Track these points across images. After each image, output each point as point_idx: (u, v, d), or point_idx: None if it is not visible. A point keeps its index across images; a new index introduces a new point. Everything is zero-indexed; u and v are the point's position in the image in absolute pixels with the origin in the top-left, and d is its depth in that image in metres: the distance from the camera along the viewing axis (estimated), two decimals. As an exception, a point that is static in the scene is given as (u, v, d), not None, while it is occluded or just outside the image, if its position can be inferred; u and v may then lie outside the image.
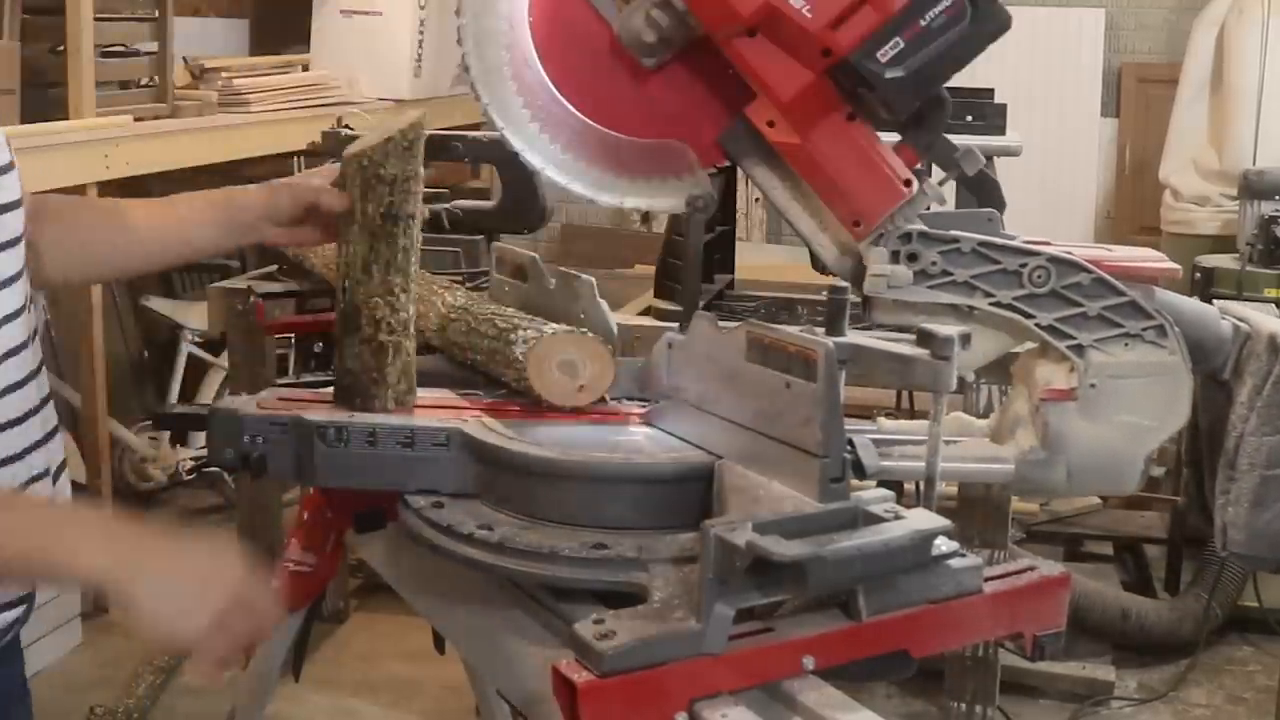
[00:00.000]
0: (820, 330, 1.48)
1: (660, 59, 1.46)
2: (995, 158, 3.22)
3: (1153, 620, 3.74)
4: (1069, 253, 1.49)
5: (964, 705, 2.83)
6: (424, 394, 1.58)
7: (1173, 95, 5.18)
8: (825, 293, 1.57)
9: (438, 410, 1.50)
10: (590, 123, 1.50)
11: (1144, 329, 1.47)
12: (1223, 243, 4.50)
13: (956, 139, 1.58)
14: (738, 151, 1.51)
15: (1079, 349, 1.46)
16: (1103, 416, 1.47)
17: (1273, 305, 3.29)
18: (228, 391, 4.75)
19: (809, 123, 1.43)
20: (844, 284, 1.50)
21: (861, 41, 1.34)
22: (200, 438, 4.76)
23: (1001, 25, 1.36)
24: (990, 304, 1.47)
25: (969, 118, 3.24)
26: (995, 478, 1.53)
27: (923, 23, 1.34)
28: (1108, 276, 1.47)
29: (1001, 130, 3.27)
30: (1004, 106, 3.30)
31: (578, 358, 1.49)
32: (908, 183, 1.46)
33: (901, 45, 1.34)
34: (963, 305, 1.47)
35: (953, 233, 1.47)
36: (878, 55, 1.34)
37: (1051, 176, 5.63)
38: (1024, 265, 1.46)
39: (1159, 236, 5.11)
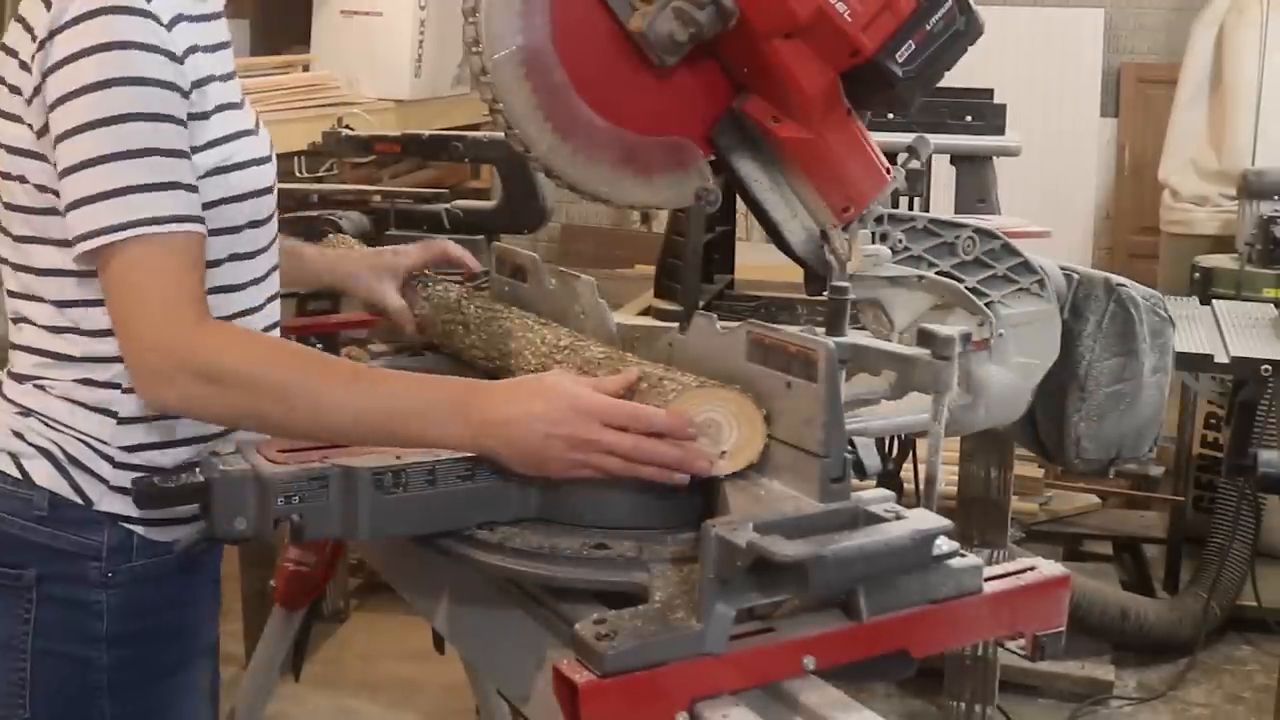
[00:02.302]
0: (820, 330, 1.48)
1: (679, 57, 1.48)
2: (995, 157, 3.23)
3: (1152, 620, 3.74)
4: (984, 223, 1.78)
5: (963, 705, 2.84)
6: None
7: (1172, 95, 5.19)
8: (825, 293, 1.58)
9: None
10: (602, 121, 1.51)
11: (1032, 283, 1.76)
12: (1222, 243, 4.50)
13: (956, 139, 1.76)
14: (727, 145, 1.56)
15: (989, 305, 1.71)
16: (1006, 360, 1.72)
17: (1272, 305, 3.30)
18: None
19: (819, 118, 1.52)
20: (844, 284, 1.51)
21: (884, 43, 1.46)
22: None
23: (979, 31, 1.51)
24: (935, 273, 1.70)
25: (969, 118, 3.25)
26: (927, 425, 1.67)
27: (928, 27, 1.47)
28: (1010, 241, 1.74)
29: (1001, 130, 3.27)
30: (1004, 106, 3.30)
31: (724, 418, 1.27)
32: (888, 169, 1.61)
33: (913, 47, 1.47)
34: (913, 276, 1.68)
35: (910, 213, 1.73)
36: (896, 56, 1.47)
37: (1051, 176, 5.63)
38: (958, 237, 1.72)
39: (1158, 236, 5.11)
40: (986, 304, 1.71)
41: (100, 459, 1.44)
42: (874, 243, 1.64)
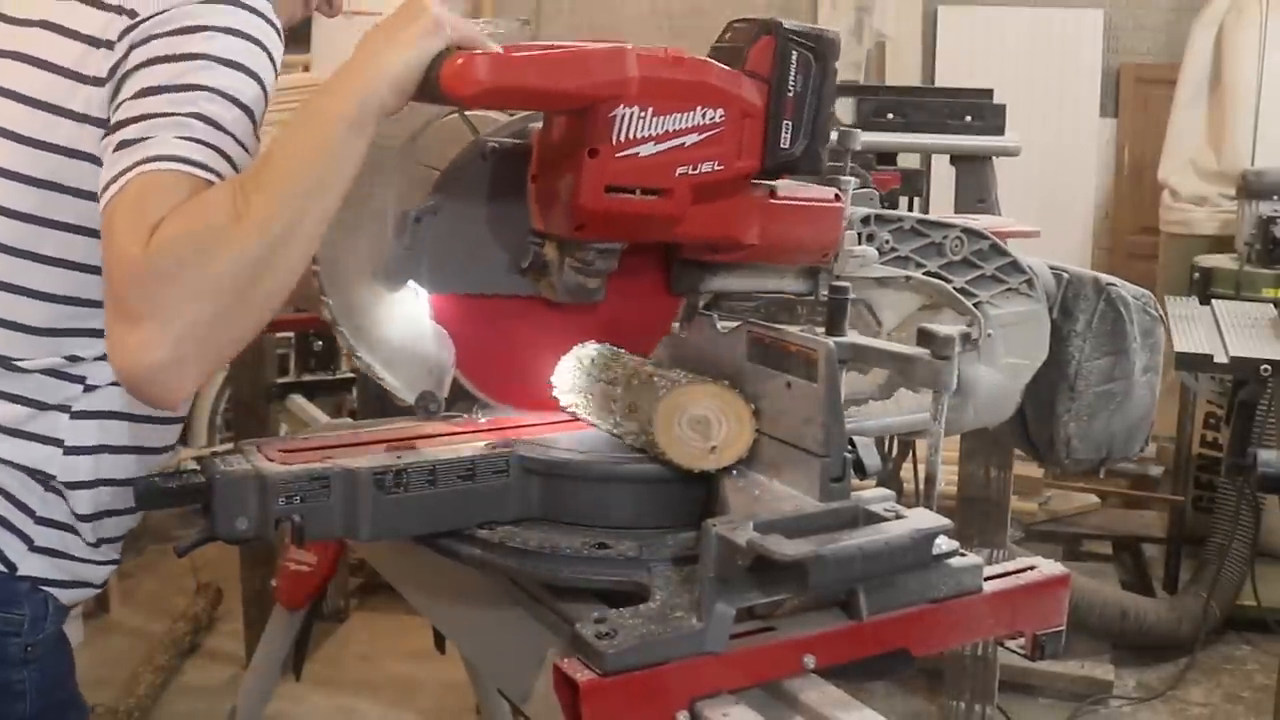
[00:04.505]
0: (820, 330, 1.49)
1: (603, 289, 1.47)
2: (994, 157, 3.24)
3: (1151, 619, 3.75)
4: (972, 223, 1.75)
5: (963, 704, 2.84)
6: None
7: (1171, 96, 5.19)
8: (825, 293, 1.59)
9: (470, 435, 1.41)
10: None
11: (1020, 283, 1.74)
12: (1221, 243, 4.51)
13: (956, 139, 1.72)
14: (689, 286, 1.56)
15: (977, 305, 1.70)
16: (995, 360, 1.72)
17: (1271, 305, 3.30)
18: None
19: (754, 228, 1.46)
20: (844, 283, 1.51)
21: (764, 149, 1.39)
22: (201, 435, 4.76)
23: (836, 47, 1.42)
24: (923, 274, 1.68)
25: (969, 118, 3.25)
26: (920, 425, 1.67)
27: (790, 94, 1.38)
28: (998, 241, 1.73)
29: (1001, 130, 3.28)
30: (1003, 107, 3.31)
31: (713, 413, 1.29)
32: (836, 197, 1.55)
33: (791, 125, 1.39)
34: (900, 276, 1.67)
35: (896, 213, 1.69)
36: (782, 147, 1.39)
37: (1051, 176, 5.64)
38: (945, 237, 1.69)
39: (1158, 236, 5.12)
40: (975, 304, 1.70)
41: (22, 512, 1.35)
42: (860, 244, 1.63)
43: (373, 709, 3.46)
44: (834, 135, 1.55)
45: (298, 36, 4.95)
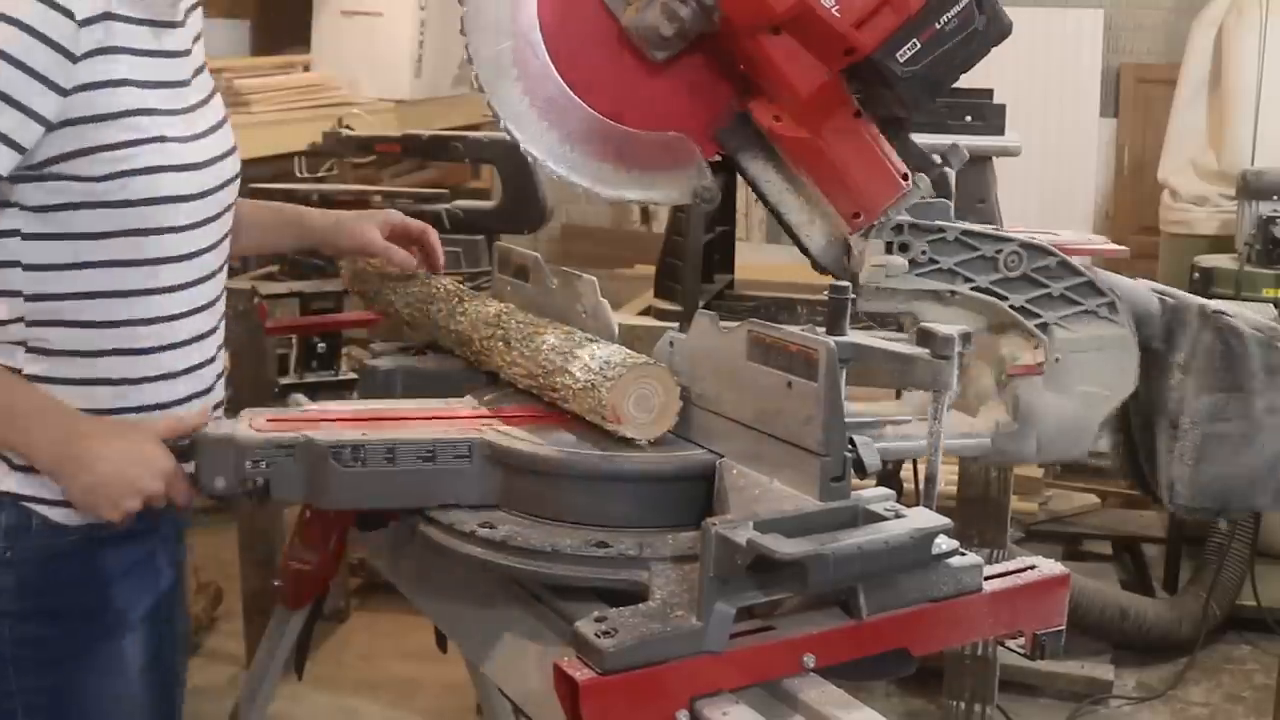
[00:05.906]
0: (821, 330, 1.49)
1: (670, 53, 1.48)
2: (995, 157, 3.24)
3: (1151, 619, 3.75)
4: (1034, 238, 1.63)
5: (963, 704, 2.84)
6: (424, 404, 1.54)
7: (1171, 95, 5.19)
8: (825, 292, 1.58)
9: (449, 421, 1.46)
10: (595, 114, 1.52)
11: (1099, 305, 1.61)
12: (1221, 243, 4.50)
13: (954, 139, 1.69)
14: (735, 146, 1.56)
15: (1043, 326, 1.59)
16: (1065, 388, 1.60)
17: (1270, 305, 3.30)
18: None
19: (820, 118, 1.49)
20: (844, 283, 1.51)
21: (883, 41, 1.42)
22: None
23: (1004, 31, 1.45)
24: (970, 289, 1.59)
25: (969, 118, 3.25)
26: (972, 451, 1.60)
27: (938, 26, 1.42)
28: (1069, 259, 1.61)
29: (1001, 130, 3.27)
30: (1003, 107, 3.30)
31: (651, 389, 1.39)
32: (905, 177, 1.54)
33: (919, 46, 1.42)
34: (944, 290, 1.58)
35: (938, 223, 1.59)
36: (897, 55, 1.43)
37: (1051, 176, 5.63)
38: (999, 251, 1.59)
39: (1158, 236, 5.11)
40: (1039, 325, 1.58)
41: None
42: (890, 253, 1.56)
43: (373, 709, 3.46)
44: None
45: (298, 37, 4.96)
